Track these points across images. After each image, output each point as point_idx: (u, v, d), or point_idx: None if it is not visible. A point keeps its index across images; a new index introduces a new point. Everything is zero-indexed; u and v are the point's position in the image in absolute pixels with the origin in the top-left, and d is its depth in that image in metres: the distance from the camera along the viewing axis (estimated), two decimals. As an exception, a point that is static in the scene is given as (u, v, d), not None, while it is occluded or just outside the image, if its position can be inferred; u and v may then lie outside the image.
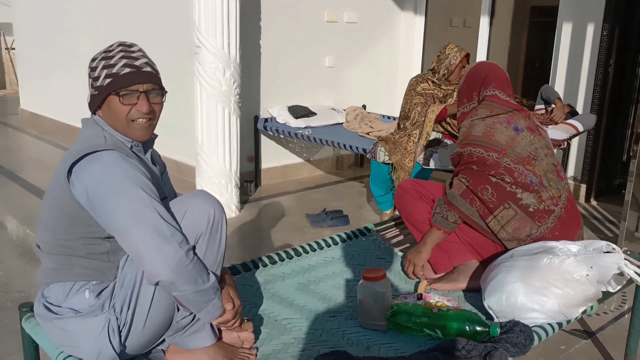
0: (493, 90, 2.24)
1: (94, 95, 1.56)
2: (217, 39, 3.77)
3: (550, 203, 2.07)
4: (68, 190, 1.46)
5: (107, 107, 1.55)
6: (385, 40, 5.74)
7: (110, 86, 1.52)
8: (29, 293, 3.11)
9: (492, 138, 2.11)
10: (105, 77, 1.53)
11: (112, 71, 1.52)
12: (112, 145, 1.49)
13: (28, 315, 1.71)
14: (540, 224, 2.05)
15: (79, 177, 1.45)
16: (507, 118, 2.16)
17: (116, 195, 1.42)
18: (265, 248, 3.57)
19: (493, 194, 2.06)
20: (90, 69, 1.56)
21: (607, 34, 4.30)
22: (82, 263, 1.51)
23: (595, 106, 4.43)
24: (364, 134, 4.56)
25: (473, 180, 2.09)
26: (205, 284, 1.49)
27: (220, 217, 1.57)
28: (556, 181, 2.12)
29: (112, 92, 1.53)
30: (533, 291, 1.79)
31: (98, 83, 1.54)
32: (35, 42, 7.40)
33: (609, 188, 4.76)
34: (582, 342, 2.59)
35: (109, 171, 1.44)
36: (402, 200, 2.30)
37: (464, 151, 2.17)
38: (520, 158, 2.09)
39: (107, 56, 1.55)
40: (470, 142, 2.16)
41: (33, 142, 6.59)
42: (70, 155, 1.48)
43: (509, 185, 2.06)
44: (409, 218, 2.28)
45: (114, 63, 1.53)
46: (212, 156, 3.99)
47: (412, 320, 1.76)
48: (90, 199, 1.44)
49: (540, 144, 2.16)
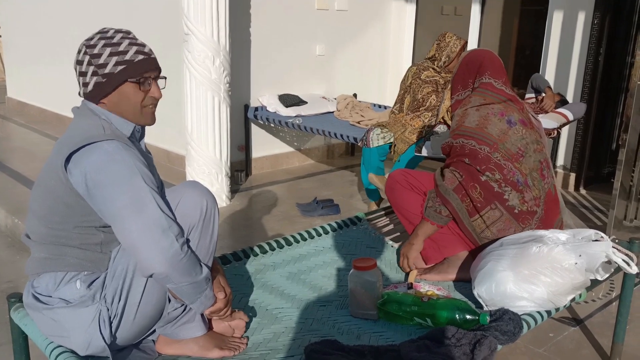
0: (489, 78, 2.21)
1: (101, 82, 1.51)
2: (206, 26, 3.73)
3: (533, 204, 2.07)
4: (65, 179, 1.44)
5: (117, 94, 1.52)
6: (376, 29, 5.72)
7: (124, 73, 1.50)
8: (17, 283, 3.09)
9: (485, 130, 2.09)
10: (117, 64, 1.49)
11: (125, 58, 1.50)
12: (111, 135, 1.47)
13: (17, 306, 1.70)
14: (525, 225, 2.06)
15: (78, 166, 1.43)
16: (501, 110, 2.13)
17: (116, 184, 1.41)
18: (256, 237, 3.57)
19: (481, 194, 2.06)
20: (90, 55, 1.50)
21: (597, 22, 4.30)
22: (74, 253, 1.50)
23: (585, 95, 4.44)
24: (355, 123, 4.55)
25: (465, 176, 2.08)
26: (199, 276, 1.49)
27: (212, 208, 1.57)
28: (538, 181, 2.11)
29: (129, 80, 1.51)
30: (522, 279, 1.80)
31: (107, 70, 1.49)
32: (22, 29, 7.30)
33: (598, 177, 4.79)
34: (571, 330, 2.62)
35: (109, 160, 1.42)
36: (393, 190, 2.29)
37: (456, 142, 2.15)
38: (509, 154, 2.08)
39: (111, 42, 1.50)
40: (463, 132, 2.14)
41: (21, 131, 6.52)
42: (68, 144, 1.45)
43: (497, 185, 2.05)
44: (399, 209, 2.28)
45: (124, 50, 1.50)
46: (202, 145, 3.97)
47: (402, 309, 1.77)
48: (89, 188, 1.42)
49: (531, 138, 2.14)
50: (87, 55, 1.50)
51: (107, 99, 1.53)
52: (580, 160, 4.59)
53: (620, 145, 3.44)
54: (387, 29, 5.81)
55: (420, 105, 3.73)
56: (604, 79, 4.47)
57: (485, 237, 2.08)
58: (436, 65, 3.76)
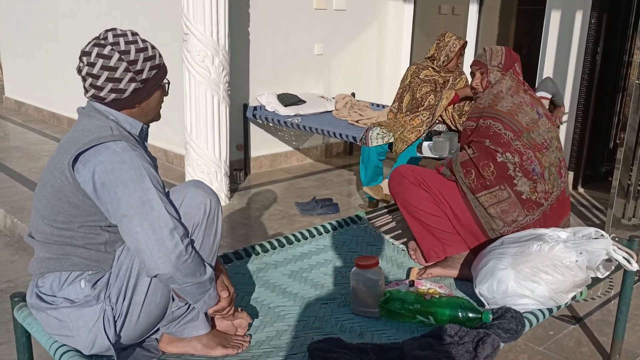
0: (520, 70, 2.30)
1: (139, 89, 1.51)
2: (205, 26, 3.73)
3: (542, 196, 2.10)
4: (72, 178, 1.44)
5: (149, 99, 1.56)
6: (374, 28, 5.72)
7: (158, 78, 1.55)
8: (17, 283, 3.09)
9: (515, 117, 2.14)
10: (150, 69, 1.51)
11: (155, 62, 1.53)
12: (119, 135, 1.47)
13: (20, 305, 1.70)
14: (528, 213, 2.09)
15: (86, 166, 1.43)
16: (531, 101, 2.19)
17: (124, 183, 1.41)
18: (255, 236, 3.57)
19: (493, 173, 2.10)
20: (127, 62, 1.47)
21: (595, 22, 4.32)
22: (79, 253, 1.50)
23: (583, 94, 4.46)
24: (354, 122, 4.55)
25: (479, 154, 2.13)
26: (203, 276, 1.49)
27: (216, 208, 1.57)
28: (555, 177, 2.14)
29: (161, 84, 1.57)
30: (523, 277, 1.81)
31: (144, 76, 1.50)
32: (19, 29, 7.28)
33: (596, 175, 4.81)
34: (570, 328, 2.63)
35: (117, 160, 1.42)
36: (399, 185, 2.28)
37: (484, 122, 2.18)
38: (533, 144, 2.12)
39: (141, 47, 1.50)
40: (493, 114, 2.17)
41: (18, 130, 6.50)
42: (75, 145, 1.45)
43: (512, 167, 2.09)
44: (404, 204, 2.27)
45: (152, 55, 1.53)
46: (202, 144, 3.97)
47: (404, 307, 1.78)
48: (97, 187, 1.42)
49: (555, 134, 2.20)
50: (123, 62, 1.47)
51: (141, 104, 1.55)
52: (578, 159, 4.60)
53: (618, 144, 3.46)
54: (385, 28, 5.81)
55: (419, 105, 3.74)
56: (602, 77, 4.49)
57: (490, 214, 2.12)
58: (435, 64, 3.77)
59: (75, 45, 1.57)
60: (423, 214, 2.21)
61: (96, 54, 1.47)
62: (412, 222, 2.26)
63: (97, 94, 1.50)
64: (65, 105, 6.34)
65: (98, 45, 1.48)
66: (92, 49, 1.48)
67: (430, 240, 2.19)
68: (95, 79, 1.48)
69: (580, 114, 4.51)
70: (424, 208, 2.20)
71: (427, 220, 2.21)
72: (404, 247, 2.42)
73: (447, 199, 2.19)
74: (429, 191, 2.21)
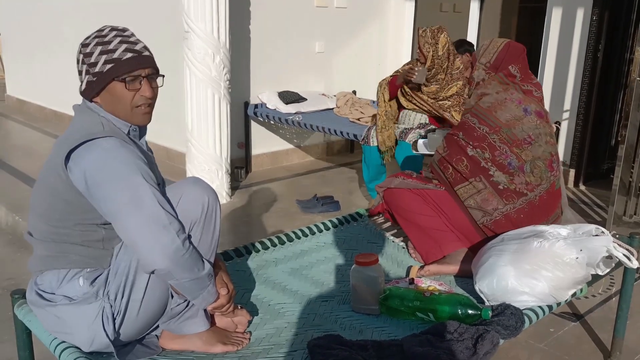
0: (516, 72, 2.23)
1: (92, 81, 1.51)
2: (206, 24, 3.73)
3: (523, 187, 2.11)
4: (65, 176, 1.45)
5: (108, 93, 1.51)
6: (375, 26, 5.72)
7: (112, 72, 1.48)
8: (19, 280, 3.09)
9: (493, 114, 2.15)
10: (105, 62, 1.48)
11: (113, 56, 1.48)
12: (109, 132, 1.47)
13: (20, 302, 1.71)
14: (508, 202, 2.11)
15: (78, 164, 1.43)
16: (520, 98, 2.18)
17: (115, 181, 1.41)
18: (256, 234, 3.57)
19: (467, 166, 2.14)
20: (83, 54, 1.51)
21: (596, 19, 4.31)
22: (76, 250, 1.50)
23: (585, 91, 4.45)
24: (355, 120, 4.55)
25: (450, 151, 2.19)
26: (201, 272, 1.50)
27: (214, 205, 1.57)
28: (543, 170, 2.13)
29: (116, 78, 1.49)
30: (523, 274, 1.81)
31: (96, 69, 1.49)
32: (21, 27, 7.29)
33: (598, 173, 4.80)
34: (571, 325, 2.63)
35: (108, 157, 1.42)
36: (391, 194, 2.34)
37: (464, 117, 2.23)
38: (511, 139, 2.11)
39: (103, 41, 1.50)
40: (472, 110, 2.20)
41: (20, 128, 6.51)
42: (67, 142, 1.45)
43: (484, 161, 2.12)
44: (397, 210, 2.32)
45: (113, 48, 1.49)
46: (203, 142, 3.97)
47: (404, 304, 1.78)
48: (89, 185, 1.42)
49: (545, 130, 2.17)
50: (81, 54, 1.52)
51: (99, 98, 1.53)
52: (579, 156, 4.60)
53: (620, 141, 3.45)
54: (386, 26, 5.81)
55: None
56: (603, 75, 4.48)
57: (469, 205, 2.15)
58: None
59: (76, 44, 1.58)
60: (416, 216, 2.23)
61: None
62: (407, 227, 2.28)
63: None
64: (67, 103, 6.28)
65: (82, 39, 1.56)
66: None
67: (427, 242, 2.20)
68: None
69: (581, 111, 4.50)
70: (415, 209, 2.23)
71: (420, 221, 2.22)
72: (404, 245, 2.42)
73: (435, 199, 2.22)
74: (419, 193, 2.24)
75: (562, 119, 4.60)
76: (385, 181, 2.41)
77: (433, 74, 3.54)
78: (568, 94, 4.54)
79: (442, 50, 3.53)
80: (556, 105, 4.64)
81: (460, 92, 3.57)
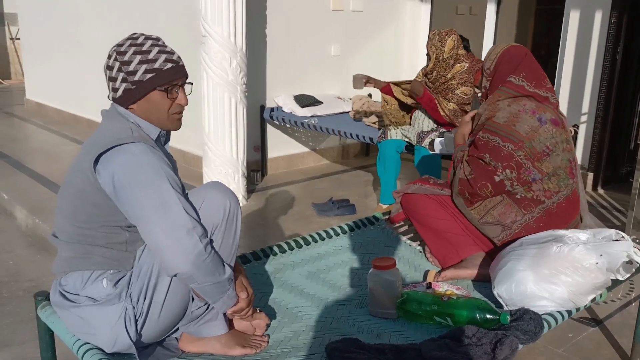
0: (522, 81, 2.16)
1: (130, 89, 1.54)
2: (223, 28, 3.76)
3: (541, 194, 2.07)
4: (94, 179, 1.47)
5: (146, 101, 1.56)
6: (390, 29, 5.72)
7: (153, 81, 1.54)
8: (39, 282, 3.14)
9: (512, 128, 2.07)
10: (146, 72, 1.53)
11: (154, 66, 1.53)
12: (138, 137, 1.50)
13: (44, 304, 1.74)
14: (526, 212, 2.07)
15: (106, 167, 1.46)
16: (533, 108, 2.11)
17: (143, 185, 1.44)
18: (272, 237, 3.59)
19: (491, 192, 2.09)
20: (120, 62, 1.53)
21: (615, 21, 4.27)
22: (101, 252, 1.53)
23: (603, 94, 4.41)
24: (371, 124, 4.56)
25: (475, 175, 2.10)
26: (222, 276, 1.51)
27: (235, 209, 1.59)
28: (564, 178, 2.11)
29: (157, 87, 1.55)
30: (542, 279, 1.79)
31: (136, 78, 1.53)
32: (39, 31, 7.40)
33: (616, 176, 4.75)
34: (590, 330, 2.60)
35: (137, 162, 1.45)
36: (408, 202, 2.33)
37: (482, 136, 2.14)
38: (533, 153, 2.06)
39: (141, 50, 1.53)
40: (489, 128, 2.12)
41: (39, 132, 6.60)
42: (97, 146, 1.48)
43: (509, 183, 2.07)
44: (414, 215, 2.31)
45: (153, 58, 1.53)
46: (219, 146, 4.00)
47: (422, 308, 1.78)
48: (117, 188, 1.45)
49: (561, 138, 2.12)
50: (117, 61, 1.54)
51: (135, 105, 1.57)
52: (598, 159, 4.55)
53: (639, 144, 3.41)
54: (402, 29, 5.80)
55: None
56: (622, 78, 4.44)
57: (487, 222, 2.10)
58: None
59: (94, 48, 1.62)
60: (433, 220, 2.22)
61: (107, 54, 1.58)
62: (424, 232, 2.28)
63: (108, 93, 1.59)
64: (85, 107, 6.42)
65: (114, 46, 1.58)
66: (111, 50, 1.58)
67: (444, 246, 2.20)
68: (106, 78, 1.59)
69: (600, 114, 4.46)
70: (432, 213, 2.22)
71: (437, 225, 2.22)
72: (422, 249, 2.42)
73: (451, 204, 2.22)
74: (435, 199, 2.24)
75: (580, 122, 4.56)
76: (402, 187, 2.40)
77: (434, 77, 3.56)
78: (586, 96, 4.51)
79: (449, 53, 3.54)
80: (574, 108, 4.61)
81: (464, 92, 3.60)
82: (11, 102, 8.64)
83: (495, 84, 2.21)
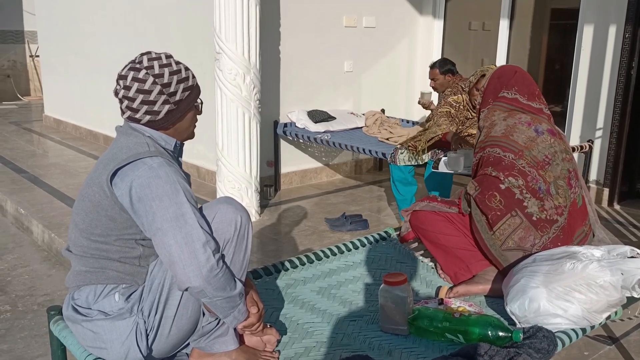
0: (514, 94, 2.23)
1: (173, 110, 1.57)
2: (237, 45, 3.81)
3: (553, 212, 2.05)
4: (110, 192, 1.49)
5: (180, 119, 1.61)
6: (404, 45, 5.74)
7: (190, 99, 1.61)
8: (53, 297, 3.17)
9: (510, 138, 2.11)
10: (184, 90, 1.58)
11: (188, 84, 1.60)
12: (155, 151, 1.52)
13: (56, 319, 1.75)
14: (543, 233, 2.04)
15: (123, 179, 1.48)
16: (529, 120, 2.15)
17: (159, 197, 1.46)
18: (285, 252, 3.59)
19: (501, 202, 2.06)
20: (161, 85, 1.53)
21: (629, 36, 4.25)
22: (114, 266, 1.54)
23: (618, 109, 4.37)
24: (384, 140, 4.56)
25: (482, 188, 2.10)
26: (233, 291, 1.52)
27: (246, 224, 1.60)
28: (565, 189, 2.10)
29: (193, 105, 1.63)
30: (556, 296, 1.77)
31: (177, 97, 1.57)
32: (58, 49, 7.54)
33: (632, 192, 4.70)
34: (606, 348, 2.56)
35: (153, 175, 1.47)
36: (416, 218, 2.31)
37: (484, 153, 2.17)
38: (535, 161, 2.08)
39: (175, 70, 1.57)
40: (489, 142, 2.16)
41: (57, 147, 6.70)
42: (114, 160, 1.51)
43: (519, 191, 2.05)
44: (424, 233, 2.29)
45: (186, 76, 1.59)
46: (233, 161, 4.03)
47: (433, 324, 1.76)
48: (133, 201, 1.47)
49: (560, 147, 2.14)
50: (157, 85, 1.54)
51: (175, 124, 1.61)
52: (613, 175, 4.51)
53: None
54: (415, 45, 5.83)
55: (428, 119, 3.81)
56: (637, 92, 4.40)
57: (508, 247, 2.06)
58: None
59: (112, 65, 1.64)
60: (442, 236, 2.20)
61: (132, 77, 1.54)
62: (434, 249, 2.26)
63: (132, 116, 1.57)
64: (102, 123, 6.52)
65: (133, 69, 1.55)
66: (127, 73, 1.55)
67: (454, 262, 2.18)
68: (131, 102, 1.55)
69: (615, 129, 4.43)
70: (441, 230, 2.21)
71: (447, 242, 2.20)
72: (433, 264, 2.40)
73: (459, 221, 2.20)
74: (442, 215, 2.22)
75: (595, 137, 4.53)
76: (411, 206, 2.40)
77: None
78: (601, 112, 4.48)
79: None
80: (589, 123, 4.58)
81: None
82: (30, 119, 8.79)
83: (488, 99, 2.28)
